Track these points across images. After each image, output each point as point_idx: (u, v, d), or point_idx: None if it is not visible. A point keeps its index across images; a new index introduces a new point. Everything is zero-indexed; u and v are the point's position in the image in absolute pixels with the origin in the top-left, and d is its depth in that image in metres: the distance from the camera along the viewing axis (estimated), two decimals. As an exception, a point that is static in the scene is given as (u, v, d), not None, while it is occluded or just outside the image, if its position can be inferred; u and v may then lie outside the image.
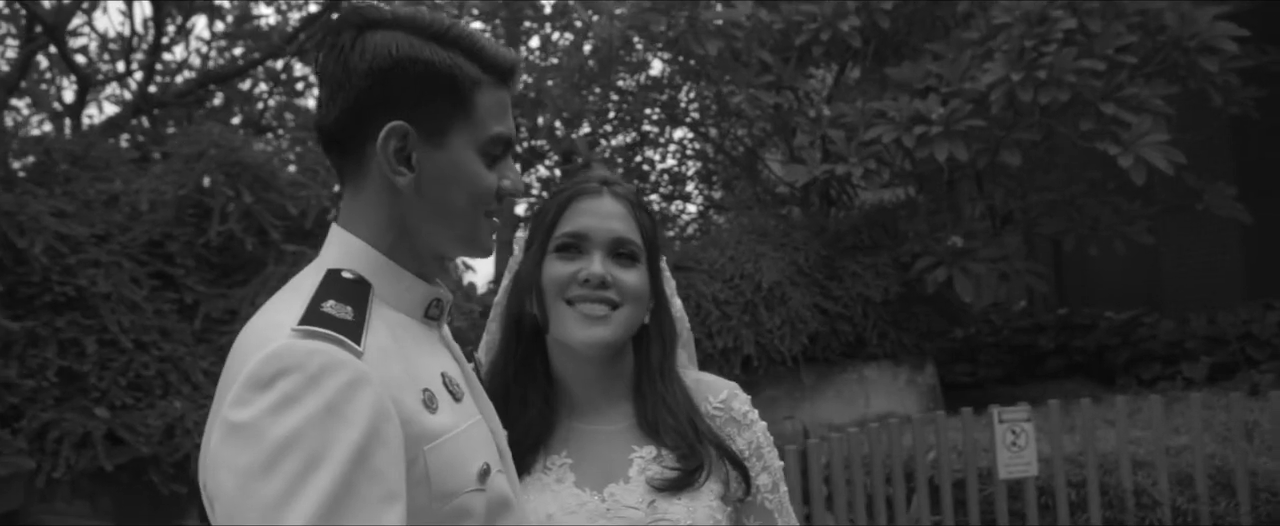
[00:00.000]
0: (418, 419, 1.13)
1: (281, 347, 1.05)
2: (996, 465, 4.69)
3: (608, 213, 1.55)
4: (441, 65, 1.17)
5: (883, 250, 7.74)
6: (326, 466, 1.00)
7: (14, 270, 4.31)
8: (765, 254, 7.39)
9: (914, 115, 7.11)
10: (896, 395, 7.71)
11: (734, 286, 7.25)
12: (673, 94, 9.28)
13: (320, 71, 1.20)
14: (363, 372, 1.06)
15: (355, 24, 1.18)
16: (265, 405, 1.02)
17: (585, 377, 1.60)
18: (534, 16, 8.30)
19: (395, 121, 1.15)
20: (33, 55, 6.39)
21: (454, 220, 1.22)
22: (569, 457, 1.59)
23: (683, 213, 10.62)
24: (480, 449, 1.23)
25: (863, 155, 7.27)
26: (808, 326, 7.28)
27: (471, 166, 1.20)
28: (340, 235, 1.23)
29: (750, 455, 1.63)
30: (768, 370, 7.33)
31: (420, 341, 1.23)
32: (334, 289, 1.15)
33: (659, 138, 10.11)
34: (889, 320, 7.63)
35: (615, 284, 1.52)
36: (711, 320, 7.11)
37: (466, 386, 1.31)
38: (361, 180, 1.20)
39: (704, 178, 10.69)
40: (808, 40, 7.70)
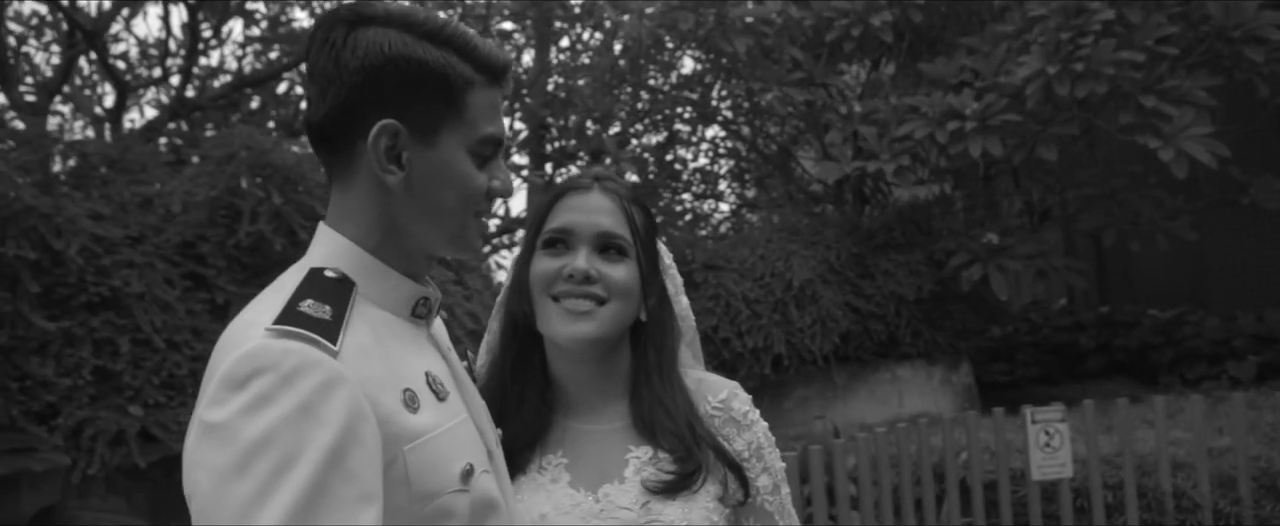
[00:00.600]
0: (397, 419, 1.12)
1: (256, 347, 1.05)
2: (1030, 466, 4.60)
3: (594, 207, 1.52)
4: (434, 64, 1.16)
5: (916, 248, 7.63)
6: (300, 467, 0.99)
7: (51, 271, 4.42)
8: (796, 252, 7.32)
9: (947, 111, 7.00)
10: (931, 395, 7.60)
11: (764, 285, 7.20)
12: (704, 92, 9.24)
13: (310, 67, 1.19)
14: (337, 372, 1.06)
15: (347, 20, 1.16)
16: (239, 405, 1.01)
17: (580, 376, 1.58)
18: (564, 16, 8.31)
19: (387, 120, 1.14)
20: (73, 61, 6.55)
21: (443, 220, 1.21)
22: (564, 457, 1.57)
23: (715, 212, 10.57)
24: (464, 449, 1.21)
25: (895, 152, 7.17)
26: (839, 325, 7.20)
27: (462, 166, 1.19)
28: (326, 233, 1.23)
29: (750, 456, 1.60)
30: (799, 369, 7.27)
31: (405, 340, 1.22)
32: (314, 288, 1.14)
33: (691, 137, 10.07)
34: (923, 319, 7.53)
35: (602, 279, 1.49)
36: (742, 319, 7.06)
37: (454, 385, 1.29)
38: (351, 178, 1.19)
39: (737, 176, 10.62)
40: (839, 36, 7.62)
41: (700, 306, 7.14)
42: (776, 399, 7.37)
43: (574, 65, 9.13)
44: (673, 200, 9.44)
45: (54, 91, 6.47)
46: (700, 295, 7.20)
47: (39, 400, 4.38)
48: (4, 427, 4.30)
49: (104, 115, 6.63)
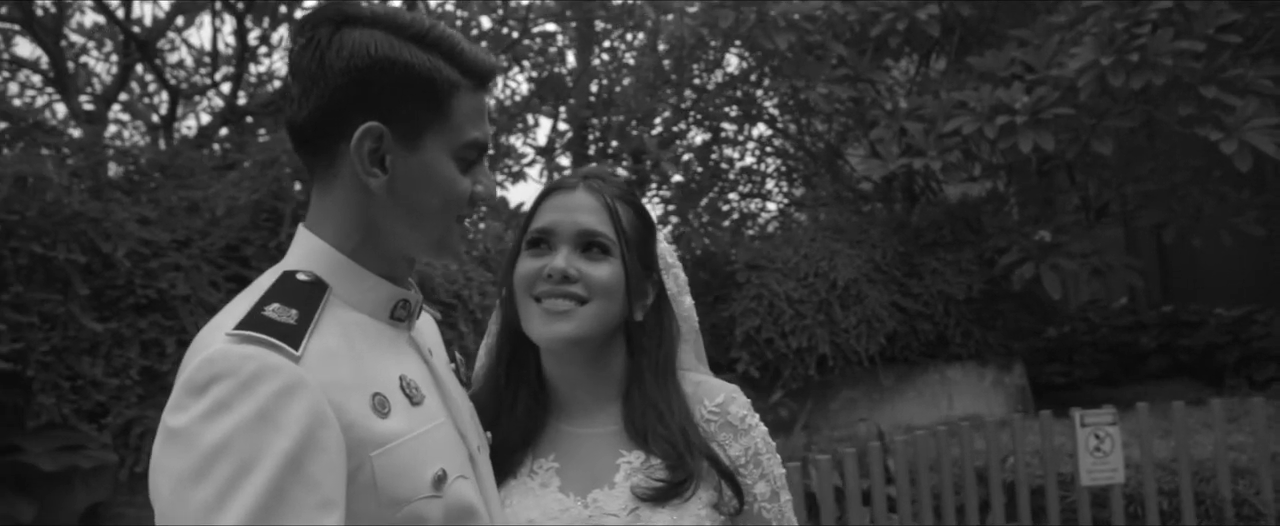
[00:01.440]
0: (363, 424, 1.10)
1: (216, 353, 1.04)
2: (1079, 471, 4.44)
3: (576, 206, 1.49)
4: (420, 67, 1.14)
5: (966, 246, 7.46)
6: (257, 473, 0.99)
7: (101, 274, 4.55)
8: (840, 251, 7.21)
9: (996, 105, 6.82)
10: (982, 396, 7.42)
11: (808, 285, 7.10)
12: (749, 90, 9.16)
13: (294, 66, 1.17)
14: (298, 378, 1.04)
15: (332, 19, 1.15)
16: (199, 411, 1.01)
17: (571, 378, 1.54)
18: (606, 17, 8.31)
19: (371, 122, 1.12)
20: (129, 70, 6.76)
21: (425, 223, 1.19)
22: (556, 461, 1.53)
23: (762, 211, 10.47)
24: (438, 454, 1.19)
25: (942, 148, 7.01)
26: (885, 325, 7.07)
27: (445, 171, 1.18)
28: (303, 236, 1.21)
29: (747, 462, 1.54)
30: (844, 370, 7.16)
31: (380, 343, 1.20)
32: (283, 291, 1.13)
33: (737, 136, 9.99)
34: (973, 319, 7.35)
35: (582, 278, 1.46)
36: (785, 319, 6.97)
37: (434, 388, 1.27)
38: (332, 179, 1.18)
39: (784, 175, 10.51)
40: (884, 31, 7.48)
41: (743, 307, 7.08)
42: (822, 400, 7.26)
43: (617, 66, 9.12)
44: (717, 199, 9.37)
45: (111, 100, 6.68)
46: (743, 295, 7.13)
47: (89, 399, 4.51)
48: (56, 426, 4.44)
49: (158, 122, 6.82)
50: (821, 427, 7.05)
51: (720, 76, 9.29)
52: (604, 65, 9.00)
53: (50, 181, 4.25)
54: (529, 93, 8.62)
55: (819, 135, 9.73)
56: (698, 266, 7.91)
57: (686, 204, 8.94)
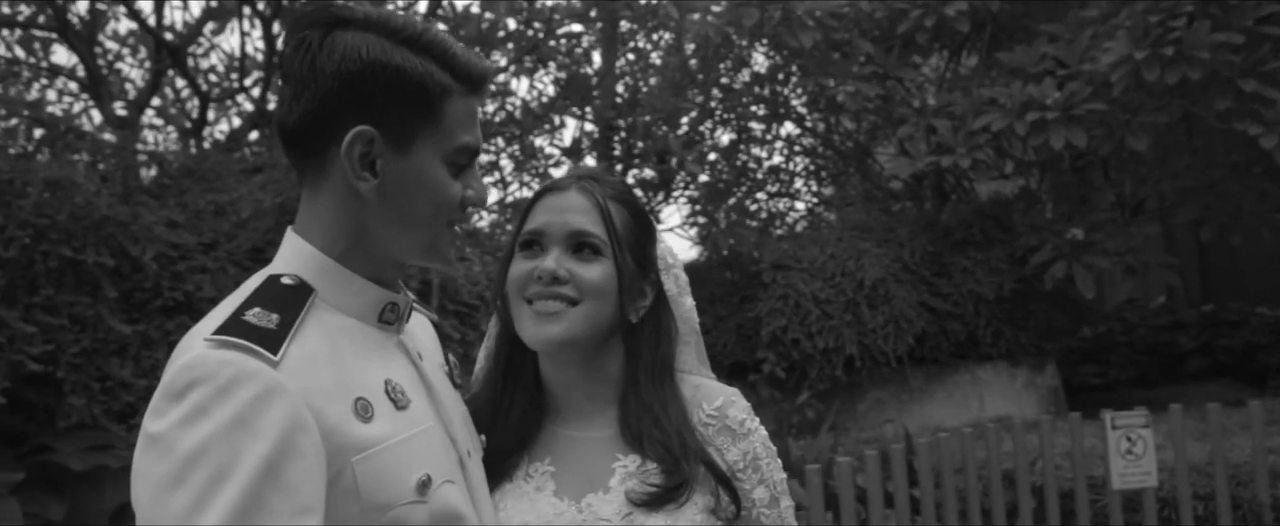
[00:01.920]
0: (345, 429, 1.09)
1: (194, 358, 1.04)
2: (1110, 474, 4.35)
3: (567, 207, 1.47)
4: (412, 72, 1.13)
5: (996, 245, 7.34)
6: (234, 479, 0.98)
7: (129, 277, 4.62)
8: (868, 251, 7.13)
9: (1027, 101, 6.71)
10: (1013, 398, 7.30)
11: (835, 285, 7.03)
12: (775, 89, 9.09)
13: (285, 68, 1.17)
14: (276, 383, 1.04)
15: (324, 21, 1.15)
16: (177, 417, 1.01)
17: (567, 380, 1.53)
18: (632, 16, 8.30)
19: (362, 126, 1.12)
20: (160, 76, 6.87)
21: (415, 228, 1.19)
22: (552, 465, 1.52)
23: (790, 210, 10.39)
24: (423, 459, 1.18)
25: (971, 145, 6.91)
26: (913, 326, 6.98)
27: (436, 175, 1.17)
28: (291, 239, 1.21)
29: (745, 467, 1.51)
30: (872, 371, 7.08)
31: (366, 347, 1.19)
32: (265, 296, 1.13)
33: (765, 135, 9.93)
34: (1004, 318, 7.23)
35: (573, 279, 1.44)
36: (811, 320, 6.91)
37: (424, 392, 1.25)
38: (321, 183, 1.17)
39: (812, 174, 10.42)
40: (911, 28, 7.39)
41: (769, 307, 7.02)
42: (849, 401, 7.19)
43: (643, 66, 9.11)
44: (743, 199, 9.33)
45: (143, 106, 6.80)
46: (769, 295, 7.08)
47: (118, 400, 4.58)
48: (86, 426, 4.52)
49: (190, 127, 6.93)
50: (850, 429, 6.98)
51: (747, 75, 9.25)
52: (629, 65, 8.98)
53: (80, 186, 4.33)
54: (555, 94, 8.62)
55: (848, 134, 9.63)
56: (724, 267, 7.86)
57: (714, 204, 8.91)
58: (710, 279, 7.69)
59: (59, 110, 7.78)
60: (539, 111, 8.48)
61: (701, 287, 7.62)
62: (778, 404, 6.90)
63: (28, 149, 4.97)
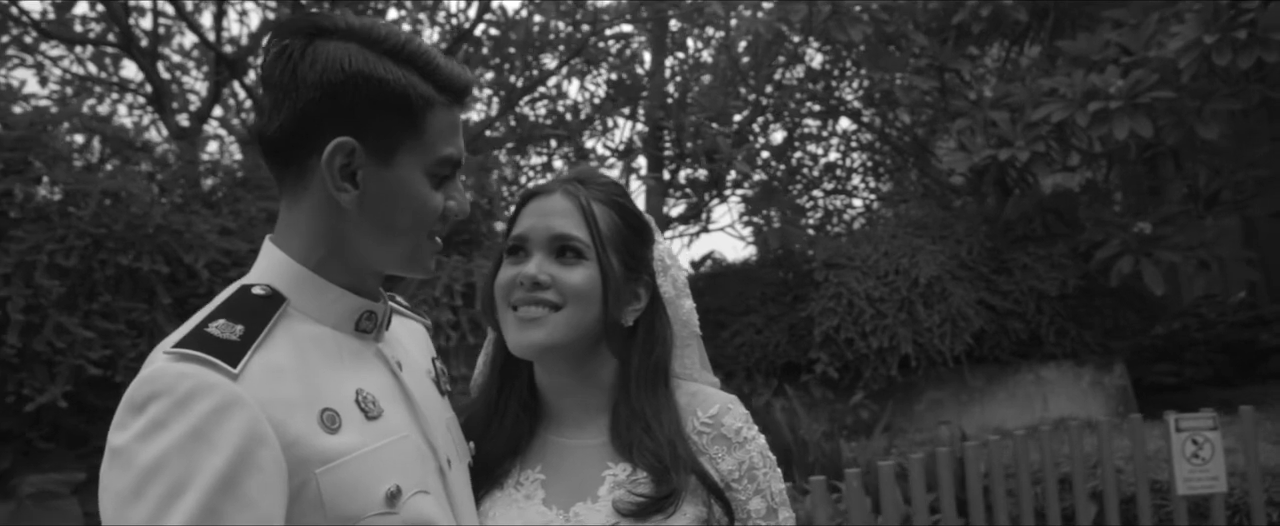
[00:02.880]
0: (309, 440, 1.08)
1: (154, 371, 1.04)
2: (1174, 479, 4.15)
3: (551, 211, 1.44)
4: (394, 83, 1.12)
5: (1058, 240, 7.09)
6: (190, 493, 0.98)
7: (184, 283, 4.75)
8: (923, 248, 6.96)
9: (1089, 90, 6.46)
10: (1079, 398, 7.04)
11: (889, 283, 6.87)
12: (830, 84, 8.94)
13: (266, 77, 1.16)
14: (234, 396, 1.03)
15: (306, 30, 1.13)
16: (136, 430, 1.01)
17: (559, 387, 1.50)
18: (680, 14, 8.26)
19: (343, 137, 1.11)
20: (220, 88, 7.09)
21: (395, 239, 1.18)
22: (542, 473, 1.49)
23: (847, 208, 10.22)
24: (394, 470, 1.16)
25: (1030, 137, 6.68)
26: (971, 324, 6.78)
27: (418, 187, 1.16)
28: (267, 249, 1.21)
29: (741, 477, 1.46)
30: (928, 371, 6.90)
31: (339, 357, 1.18)
32: (232, 307, 1.13)
33: (821, 131, 9.78)
34: (1068, 316, 6.98)
35: (555, 284, 1.41)
36: (864, 319, 6.77)
37: (402, 401, 1.24)
38: (301, 192, 1.17)
39: (870, 170, 10.23)
40: (966, 18, 7.18)
41: (821, 306, 6.90)
42: (905, 402, 7.02)
43: (694, 65, 9.06)
44: (794, 196, 9.20)
45: (205, 117, 7.02)
46: (821, 294, 6.95)
47: (174, 403, 4.69)
48: (144, 429, 4.63)
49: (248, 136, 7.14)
50: (906, 430, 6.82)
51: (800, 71, 9.12)
52: (679, 65, 8.95)
53: (137, 197, 4.46)
54: (605, 95, 8.64)
55: (905, 128, 9.42)
56: (776, 265, 7.76)
57: (767, 203, 8.81)
58: (762, 278, 7.60)
59: (129, 122, 8.08)
60: (589, 113, 8.49)
61: (753, 287, 7.54)
62: (831, 404, 6.78)
63: (92, 161, 5.17)
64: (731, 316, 7.36)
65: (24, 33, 7.03)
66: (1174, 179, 7.89)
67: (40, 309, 4.29)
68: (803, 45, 8.66)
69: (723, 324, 7.36)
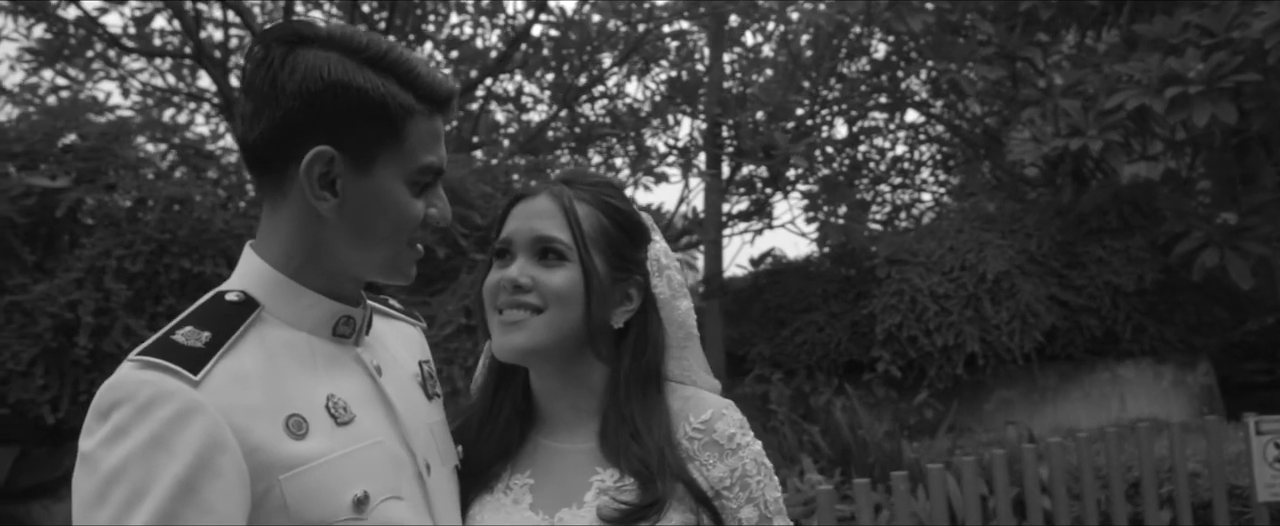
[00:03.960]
0: (271, 447, 1.09)
1: (118, 378, 1.06)
2: (1255, 485, 3.92)
3: (534, 213, 1.42)
4: (373, 92, 1.12)
5: (1136, 232, 6.77)
6: (149, 499, 1.00)
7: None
8: (990, 242, 6.73)
9: (1167, 75, 6.16)
10: (1160, 398, 6.72)
11: (954, 279, 6.67)
12: (895, 75, 8.73)
13: (247, 84, 1.16)
14: (194, 403, 1.04)
15: (287, 39, 1.14)
16: (101, 436, 1.03)
17: (550, 391, 1.47)
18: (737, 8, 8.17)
19: (321, 146, 1.12)
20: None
21: (375, 246, 1.18)
22: (532, 477, 1.47)
23: (916, 202, 9.97)
24: (363, 476, 1.15)
25: (1103, 126, 6.40)
26: (1041, 321, 6.53)
27: (397, 195, 1.17)
28: (247, 255, 1.22)
29: (733, 485, 1.42)
30: (996, 369, 6.67)
31: (312, 362, 1.18)
32: (202, 314, 1.14)
33: (888, 124, 9.56)
34: (1145, 312, 6.67)
35: (537, 287, 1.39)
36: (928, 316, 6.58)
37: (380, 406, 1.23)
38: (281, 200, 1.17)
39: (939, 163, 9.96)
40: (1034, 4, 6.92)
41: (883, 303, 6.74)
42: (972, 401, 6.81)
43: (755, 60, 8.95)
44: (859, 192, 9.00)
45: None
46: (883, 291, 6.79)
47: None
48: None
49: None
50: (975, 430, 6.61)
51: (865, 64, 8.92)
52: (738, 60, 8.86)
53: (199, 203, 4.61)
54: (665, 92, 8.60)
55: (976, 119, 9.13)
56: (837, 262, 7.61)
57: (832, 198, 8.65)
58: (823, 275, 7.46)
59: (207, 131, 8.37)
60: (646, 111, 8.46)
61: (814, 284, 7.41)
62: (894, 403, 6.62)
63: (162, 169, 5.37)
64: (792, 314, 7.25)
65: (107, 47, 7.35)
66: (1265, 166, 7.47)
67: (110, 312, 4.48)
68: (866, 37, 8.47)
69: (783, 321, 7.26)
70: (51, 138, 4.89)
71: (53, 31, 7.41)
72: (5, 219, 4.47)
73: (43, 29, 7.57)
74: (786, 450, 6.00)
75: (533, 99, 8.64)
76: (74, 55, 7.67)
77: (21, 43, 7.60)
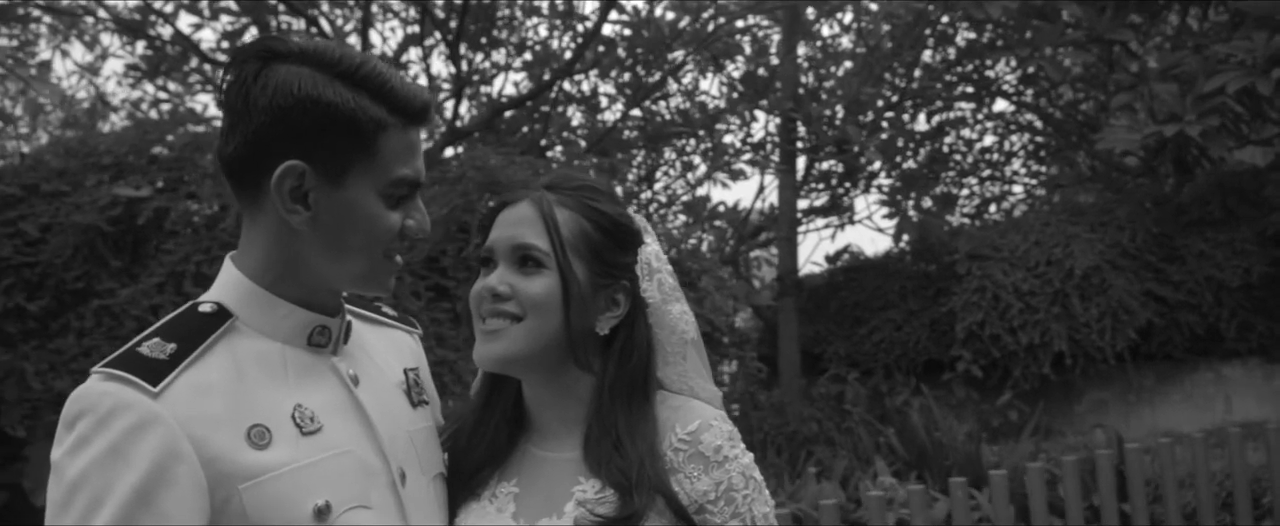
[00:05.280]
0: (230, 457, 1.11)
1: (82, 389, 1.10)
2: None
3: (514, 220, 1.41)
4: (343, 107, 1.14)
5: (1241, 223, 6.34)
6: (107, 507, 1.04)
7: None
8: (1078, 235, 6.41)
9: (1274, 54, 5.75)
10: (1270, 399, 6.28)
11: (1040, 274, 6.37)
12: (981, 63, 8.40)
13: (224, 101, 1.20)
14: (152, 414, 1.08)
15: (261, 55, 1.17)
16: (67, 445, 1.08)
17: (538, 399, 1.46)
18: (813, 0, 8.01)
19: (292, 161, 1.14)
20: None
21: (349, 258, 1.20)
22: (518, 486, 1.46)
23: (1006, 194, 9.58)
24: (326, 485, 1.17)
25: (1202, 110, 6.01)
26: (1135, 318, 6.18)
27: (370, 208, 1.18)
28: (226, 267, 1.25)
29: (717, 499, 1.37)
30: (1087, 369, 6.35)
31: (282, 372, 1.20)
32: (171, 325, 1.17)
33: (976, 114, 9.21)
34: (1253, 308, 6.24)
35: (515, 295, 1.38)
36: (1012, 314, 6.31)
37: (354, 414, 1.24)
38: (257, 212, 1.20)
39: (1031, 154, 9.54)
40: (1126, -17, 6.55)
41: (964, 300, 6.50)
42: (1062, 402, 6.49)
43: (834, 53, 8.76)
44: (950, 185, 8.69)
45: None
46: (964, 288, 6.54)
47: (311, 403, 4.99)
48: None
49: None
50: (1065, 433, 6.31)
51: (950, 52, 8.61)
52: (814, 54, 8.68)
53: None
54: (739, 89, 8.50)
55: (1070, 106, 8.71)
56: (917, 258, 7.38)
57: (916, 192, 8.38)
58: (902, 271, 7.25)
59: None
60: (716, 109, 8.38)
61: (892, 281, 7.20)
62: (975, 405, 6.37)
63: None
64: (869, 312, 7.06)
65: (201, 62, 7.72)
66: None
67: (191, 314, 4.66)
68: (950, 25, 8.18)
69: (860, 320, 7.08)
70: (140, 150, 5.15)
71: (152, 48, 7.81)
72: (94, 228, 4.72)
73: (143, 46, 7.99)
74: (861, 452, 5.85)
75: (608, 98, 8.67)
76: (172, 70, 8.07)
77: (126, 59, 8.07)
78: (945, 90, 8.59)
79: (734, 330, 6.55)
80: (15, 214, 4.86)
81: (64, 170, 5.09)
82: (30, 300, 4.66)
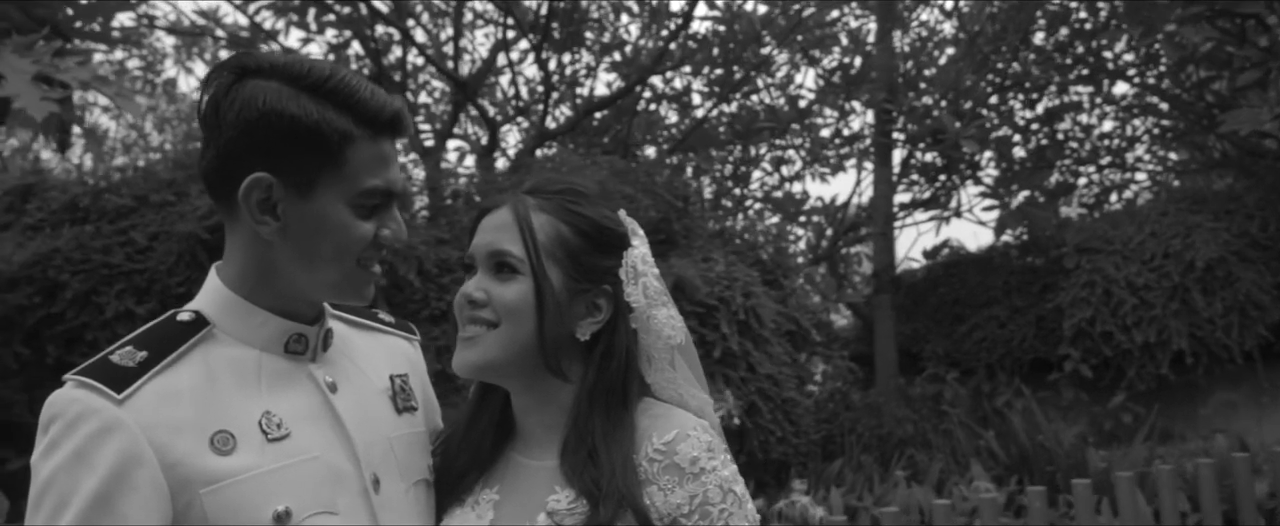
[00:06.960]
0: (193, 462, 1.14)
1: (55, 396, 1.16)
2: None
3: (492, 226, 1.40)
4: (306, 119, 1.17)
5: (1389, 208, 5.74)
6: (70, 510, 1.09)
7: (403, 290, 5.19)
8: (1200, 225, 5.93)
9: None
10: None
11: (1156, 268, 5.93)
12: (1098, 43, 7.89)
13: (200, 116, 1.24)
14: (115, 420, 1.12)
15: (233, 70, 1.21)
16: (40, 449, 1.14)
17: (522, 406, 1.45)
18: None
19: (258, 173, 1.18)
20: (458, 110, 7.72)
21: (321, 268, 1.23)
22: (499, 493, 1.44)
23: (1129, 182, 8.97)
24: (289, 491, 1.18)
25: (1341, 84, 5.47)
26: (1267, 314, 5.68)
27: (339, 218, 1.20)
28: (209, 276, 1.30)
29: (691, 512, 1.32)
30: (1211, 369, 5.87)
31: (256, 379, 1.23)
32: (146, 334, 1.22)
33: (1094, 98, 8.66)
34: (1405, 301, 5.63)
35: (491, 301, 1.36)
36: (1125, 310, 5.89)
37: (328, 421, 1.26)
38: (235, 224, 1.24)
39: (1157, 138, 8.90)
40: (1253, -51, 6.01)
41: (1072, 296, 6.12)
42: (1184, 403, 6.02)
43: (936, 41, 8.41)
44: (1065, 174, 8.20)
45: (446, 135, 7.69)
46: (1072, 283, 6.15)
47: (396, 403, 5.14)
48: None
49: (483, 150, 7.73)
50: (1186, 437, 5.85)
51: (1063, 33, 8.13)
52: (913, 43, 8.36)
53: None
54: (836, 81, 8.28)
55: (1201, 85, 8.09)
56: (1022, 252, 6.99)
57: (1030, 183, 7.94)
58: (1006, 266, 6.88)
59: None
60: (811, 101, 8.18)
61: (995, 276, 6.85)
62: (1086, 406, 5.99)
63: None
64: (970, 309, 6.74)
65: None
66: None
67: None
68: (1062, 5, 7.72)
69: (961, 317, 6.76)
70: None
71: (264, 64, 8.21)
72: (192, 235, 5.00)
73: (253, 61, 8.41)
74: (959, 455, 5.59)
75: (701, 95, 8.60)
76: (282, 84, 8.46)
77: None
78: (1059, 73, 8.11)
79: (825, 328, 6.37)
80: (128, 223, 5.21)
81: (172, 181, 5.42)
82: (139, 304, 4.98)
